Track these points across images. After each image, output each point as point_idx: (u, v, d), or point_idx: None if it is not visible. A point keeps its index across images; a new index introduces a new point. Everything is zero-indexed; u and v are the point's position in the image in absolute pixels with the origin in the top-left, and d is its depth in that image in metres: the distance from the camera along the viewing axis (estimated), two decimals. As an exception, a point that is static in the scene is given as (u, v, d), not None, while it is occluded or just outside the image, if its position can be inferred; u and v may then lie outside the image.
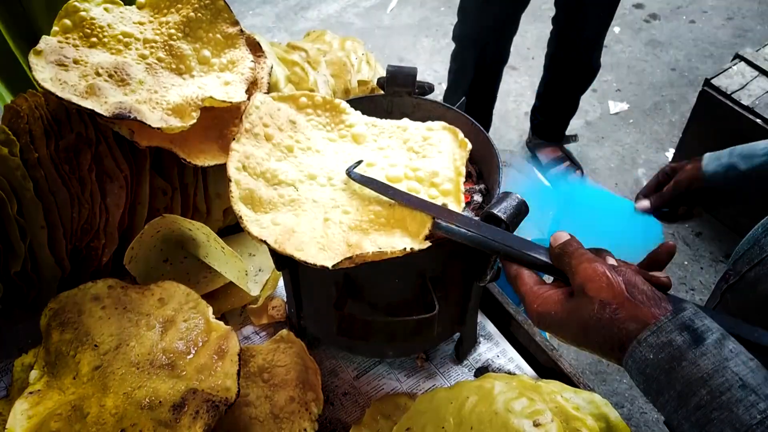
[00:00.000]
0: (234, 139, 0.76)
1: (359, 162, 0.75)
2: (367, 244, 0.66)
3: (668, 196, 0.99)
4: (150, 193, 0.92)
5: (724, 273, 0.87)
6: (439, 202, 0.71)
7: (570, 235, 0.59)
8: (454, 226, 0.65)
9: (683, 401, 0.46)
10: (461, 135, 0.80)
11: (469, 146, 0.79)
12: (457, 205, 0.72)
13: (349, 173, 0.73)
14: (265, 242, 0.66)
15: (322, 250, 0.66)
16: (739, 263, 0.82)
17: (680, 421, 0.46)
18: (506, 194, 0.69)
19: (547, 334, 1.55)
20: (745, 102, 2.04)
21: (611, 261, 0.59)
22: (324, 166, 0.76)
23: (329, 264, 0.63)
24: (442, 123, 0.82)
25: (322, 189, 0.74)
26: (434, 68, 3.00)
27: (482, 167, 0.87)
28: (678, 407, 0.47)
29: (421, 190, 0.74)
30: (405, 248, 0.65)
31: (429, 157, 0.78)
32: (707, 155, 0.96)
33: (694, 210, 1.01)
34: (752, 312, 0.77)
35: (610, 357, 0.53)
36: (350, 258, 0.64)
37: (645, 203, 1.01)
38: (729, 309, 0.83)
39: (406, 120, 0.83)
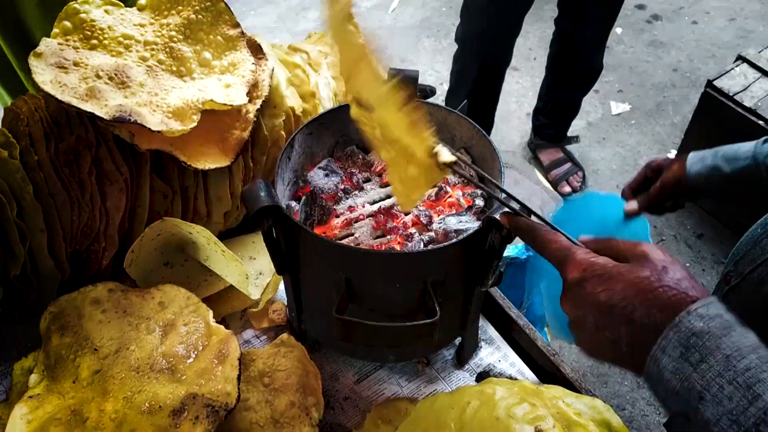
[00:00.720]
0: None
1: None
2: None
3: (654, 196, 0.99)
4: (150, 196, 0.92)
5: (724, 275, 0.86)
6: None
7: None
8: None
9: (731, 364, 0.48)
10: None
11: None
12: None
13: None
14: None
15: None
16: (741, 264, 0.81)
17: (722, 384, 0.48)
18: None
19: (549, 338, 1.53)
20: (747, 103, 2.04)
21: None
22: None
23: None
24: None
25: None
26: (436, 69, 3.00)
27: (484, 171, 0.86)
28: (724, 370, 0.48)
29: None
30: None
31: None
32: (692, 155, 0.96)
33: (680, 200, 1.01)
34: (756, 313, 0.77)
35: (636, 335, 0.52)
36: None
37: (633, 205, 1.01)
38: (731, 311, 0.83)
39: None
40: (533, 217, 0.64)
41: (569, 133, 2.52)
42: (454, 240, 0.74)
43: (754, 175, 0.90)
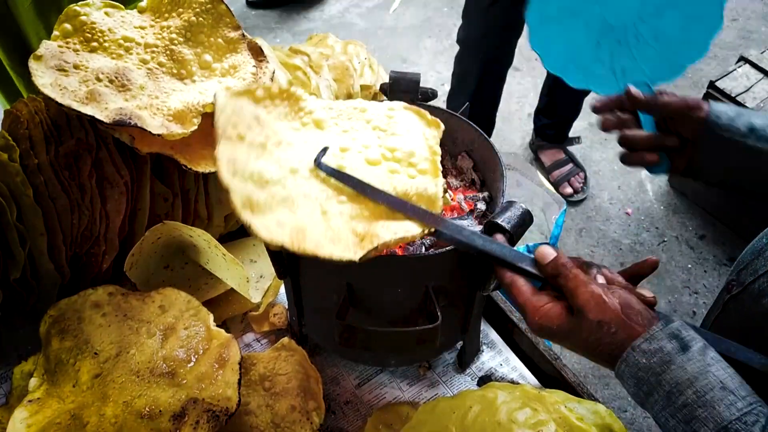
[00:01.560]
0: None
1: (325, 149, 0.70)
2: (383, 232, 0.62)
3: (667, 105, 0.83)
4: (151, 199, 0.92)
5: (726, 283, 0.85)
6: (418, 181, 0.69)
7: (555, 249, 0.61)
8: (445, 231, 0.64)
9: (671, 400, 0.53)
10: (429, 115, 0.77)
11: (442, 127, 0.76)
12: (435, 181, 0.69)
13: (318, 164, 0.68)
14: (282, 246, 0.61)
15: (333, 244, 0.62)
16: (743, 274, 0.80)
17: (667, 418, 0.53)
18: (510, 203, 0.69)
19: (552, 343, 1.54)
20: (749, 104, 2.03)
21: (601, 279, 0.63)
22: (301, 158, 0.71)
23: (356, 257, 0.60)
24: (403, 103, 0.78)
25: (308, 182, 0.69)
26: (437, 69, 2.99)
27: (485, 175, 0.86)
28: (666, 405, 0.53)
29: (400, 171, 0.71)
30: (423, 231, 0.63)
31: (398, 135, 0.74)
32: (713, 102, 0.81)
33: (681, 151, 0.82)
34: (755, 324, 0.76)
35: (605, 364, 0.59)
36: (375, 248, 0.61)
37: (638, 91, 0.85)
38: (731, 319, 0.82)
39: (360, 100, 0.80)
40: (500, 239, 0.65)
41: (571, 134, 2.51)
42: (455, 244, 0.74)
43: None
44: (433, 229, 0.63)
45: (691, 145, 0.81)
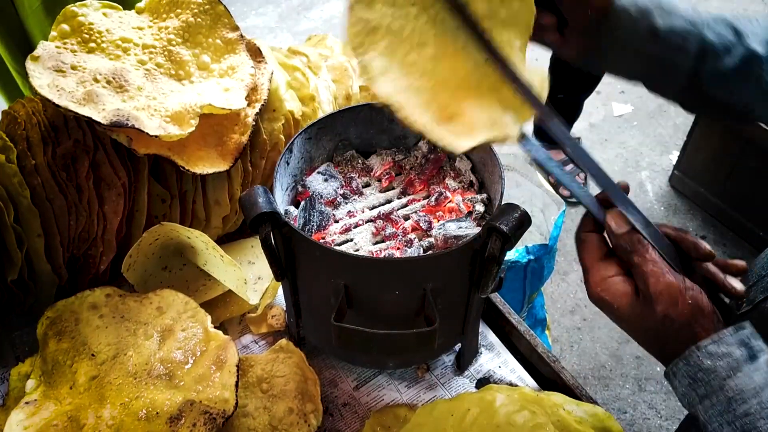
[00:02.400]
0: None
1: None
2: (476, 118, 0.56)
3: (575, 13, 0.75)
4: (148, 200, 0.91)
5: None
6: None
7: (629, 220, 0.56)
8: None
9: (731, 407, 0.51)
10: None
11: None
12: None
13: None
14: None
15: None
16: (753, 291, 0.78)
17: (722, 423, 0.51)
18: (508, 206, 0.68)
19: (551, 346, 1.52)
20: (750, 105, 2.03)
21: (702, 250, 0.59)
22: None
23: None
24: None
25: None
26: (437, 69, 2.99)
27: (484, 176, 0.86)
28: (724, 411, 0.51)
29: None
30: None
31: None
32: None
33: (591, 41, 0.76)
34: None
35: (654, 352, 0.57)
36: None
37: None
38: None
39: None
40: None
41: (571, 135, 2.51)
42: (453, 246, 0.74)
43: (683, 51, 0.70)
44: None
45: (585, 32, 0.74)
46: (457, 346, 0.91)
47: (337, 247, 0.79)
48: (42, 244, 0.87)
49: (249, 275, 0.98)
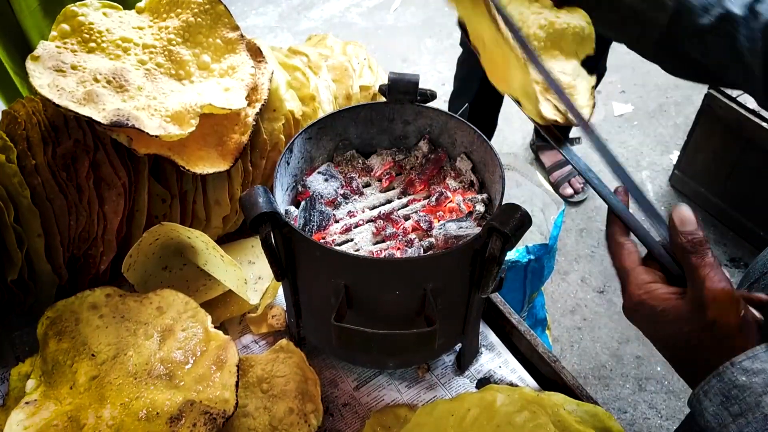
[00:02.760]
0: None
1: None
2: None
3: None
4: (148, 200, 0.91)
5: None
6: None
7: (698, 221, 0.55)
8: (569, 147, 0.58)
9: None
10: None
11: None
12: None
13: None
14: None
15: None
16: (755, 289, 0.78)
17: None
18: (509, 206, 0.68)
19: (551, 346, 1.52)
20: (750, 105, 2.03)
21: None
22: None
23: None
24: None
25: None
26: (438, 69, 2.99)
27: (485, 176, 0.86)
28: (761, 428, 0.49)
29: None
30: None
31: None
32: None
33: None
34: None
35: (686, 371, 0.53)
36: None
37: None
38: None
39: None
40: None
41: (571, 135, 2.51)
42: (454, 246, 0.74)
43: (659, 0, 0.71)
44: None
45: None
46: (458, 346, 0.91)
47: (337, 247, 0.79)
48: (42, 244, 0.87)
49: (249, 275, 0.98)
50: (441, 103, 2.58)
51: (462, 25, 0.70)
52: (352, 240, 0.81)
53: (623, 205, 0.58)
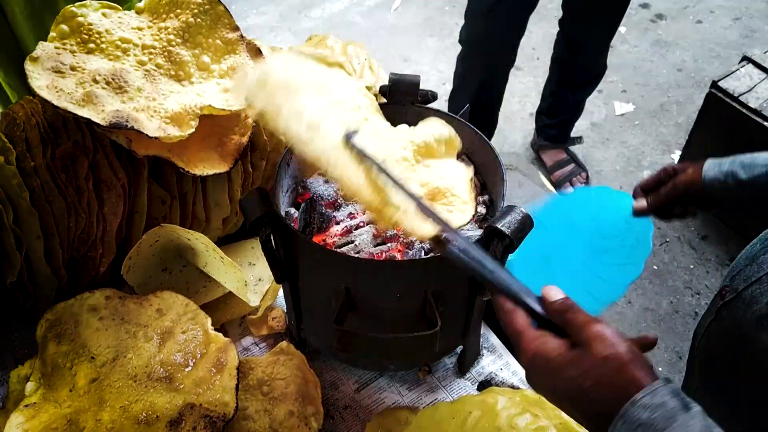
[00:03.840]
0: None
1: (356, 131, 0.67)
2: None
3: (665, 198, 0.97)
4: (148, 202, 0.91)
5: (720, 288, 0.85)
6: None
7: (563, 293, 0.59)
8: (455, 249, 0.61)
9: None
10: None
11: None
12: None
13: (349, 138, 0.65)
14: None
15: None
16: (737, 280, 0.80)
17: None
18: (510, 208, 0.68)
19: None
20: (752, 104, 2.02)
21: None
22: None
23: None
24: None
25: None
26: (439, 68, 2.98)
27: (486, 178, 0.85)
28: None
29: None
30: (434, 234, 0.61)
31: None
32: (709, 160, 0.95)
33: (689, 208, 0.98)
34: (748, 331, 0.75)
35: (589, 417, 0.54)
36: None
37: (642, 203, 0.99)
38: (724, 326, 0.81)
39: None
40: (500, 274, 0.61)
41: (573, 134, 2.51)
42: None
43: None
44: (442, 236, 0.60)
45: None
46: (459, 349, 0.90)
47: (337, 249, 0.79)
48: (41, 246, 0.86)
49: (249, 277, 0.97)
50: (441, 102, 2.58)
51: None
52: (352, 242, 0.81)
53: (506, 281, 0.60)
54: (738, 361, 0.78)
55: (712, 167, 0.93)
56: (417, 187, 0.67)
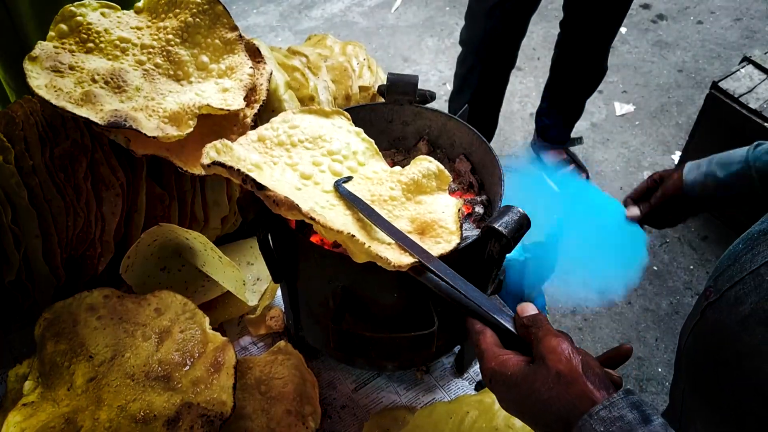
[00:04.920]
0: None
1: (349, 177, 0.73)
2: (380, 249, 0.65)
3: (655, 204, 1.00)
4: (147, 201, 0.91)
5: (704, 289, 0.85)
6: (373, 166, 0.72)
7: (538, 309, 0.60)
8: (431, 274, 0.63)
9: None
10: (325, 107, 0.82)
11: (345, 114, 0.80)
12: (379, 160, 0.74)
13: (337, 186, 0.71)
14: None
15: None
16: (720, 281, 0.79)
17: None
18: (508, 208, 0.68)
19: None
20: (752, 105, 2.02)
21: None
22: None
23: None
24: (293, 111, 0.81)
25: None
26: (439, 68, 2.98)
27: (484, 178, 0.85)
28: None
29: (356, 168, 0.75)
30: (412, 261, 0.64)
31: (328, 140, 0.77)
32: (688, 164, 0.97)
33: (681, 214, 1.01)
34: (732, 332, 0.75)
35: (549, 426, 0.54)
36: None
37: (635, 211, 1.02)
38: (709, 327, 0.81)
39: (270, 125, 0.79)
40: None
41: (573, 134, 2.51)
42: (452, 249, 0.73)
43: (746, 180, 0.91)
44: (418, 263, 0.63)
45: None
46: (457, 348, 0.90)
47: (335, 249, 0.79)
48: (40, 245, 0.86)
49: (248, 276, 0.98)
50: (441, 102, 2.58)
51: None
52: (350, 241, 0.81)
53: (477, 303, 0.61)
54: (723, 361, 0.78)
55: (691, 170, 0.97)
56: (407, 224, 0.71)
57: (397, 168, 0.77)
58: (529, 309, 0.60)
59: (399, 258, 0.63)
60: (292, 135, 0.76)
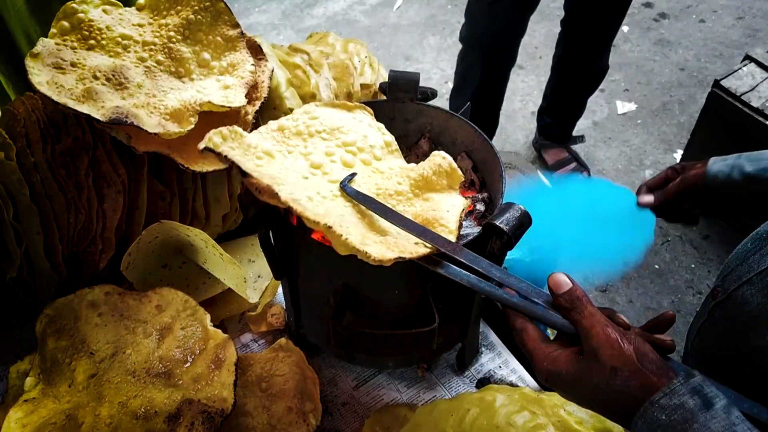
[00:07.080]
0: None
1: (353, 174, 0.72)
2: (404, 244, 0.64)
3: (672, 193, 0.96)
4: (148, 198, 0.91)
5: (712, 289, 0.84)
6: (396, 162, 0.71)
7: (570, 279, 0.59)
8: (456, 267, 0.62)
9: None
10: (347, 102, 0.82)
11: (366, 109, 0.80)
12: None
13: (343, 186, 0.71)
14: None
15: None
16: (728, 280, 0.79)
17: None
18: (509, 205, 0.68)
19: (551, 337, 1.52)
20: (754, 104, 2.01)
21: (619, 320, 0.60)
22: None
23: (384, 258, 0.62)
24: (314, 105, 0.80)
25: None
26: (440, 67, 2.98)
27: (485, 176, 0.85)
28: None
29: (371, 161, 0.75)
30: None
31: (346, 132, 0.77)
32: (713, 158, 0.94)
33: (694, 211, 0.97)
34: (739, 332, 0.75)
35: (617, 418, 0.54)
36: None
37: (649, 198, 0.98)
38: (716, 327, 0.81)
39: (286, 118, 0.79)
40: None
41: (575, 133, 2.50)
42: (453, 246, 0.73)
43: None
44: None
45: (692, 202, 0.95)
46: (458, 346, 0.90)
47: (336, 246, 0.79)
48: (41, 241, 0.87)
49: (249, 273, 0.98)
50: (443, 101, 2.57)
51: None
52: (351, 239, 0.81)
53: (514, 298, 0.60)
54: (731, 362, 0.77)
55: (716, 161, 0.93)
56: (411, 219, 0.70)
57: (413, 165, 0.77)
58: (562, 283, 0.58)
59: (383, 252, 0.62)
60: (310, 125, 0.76)
